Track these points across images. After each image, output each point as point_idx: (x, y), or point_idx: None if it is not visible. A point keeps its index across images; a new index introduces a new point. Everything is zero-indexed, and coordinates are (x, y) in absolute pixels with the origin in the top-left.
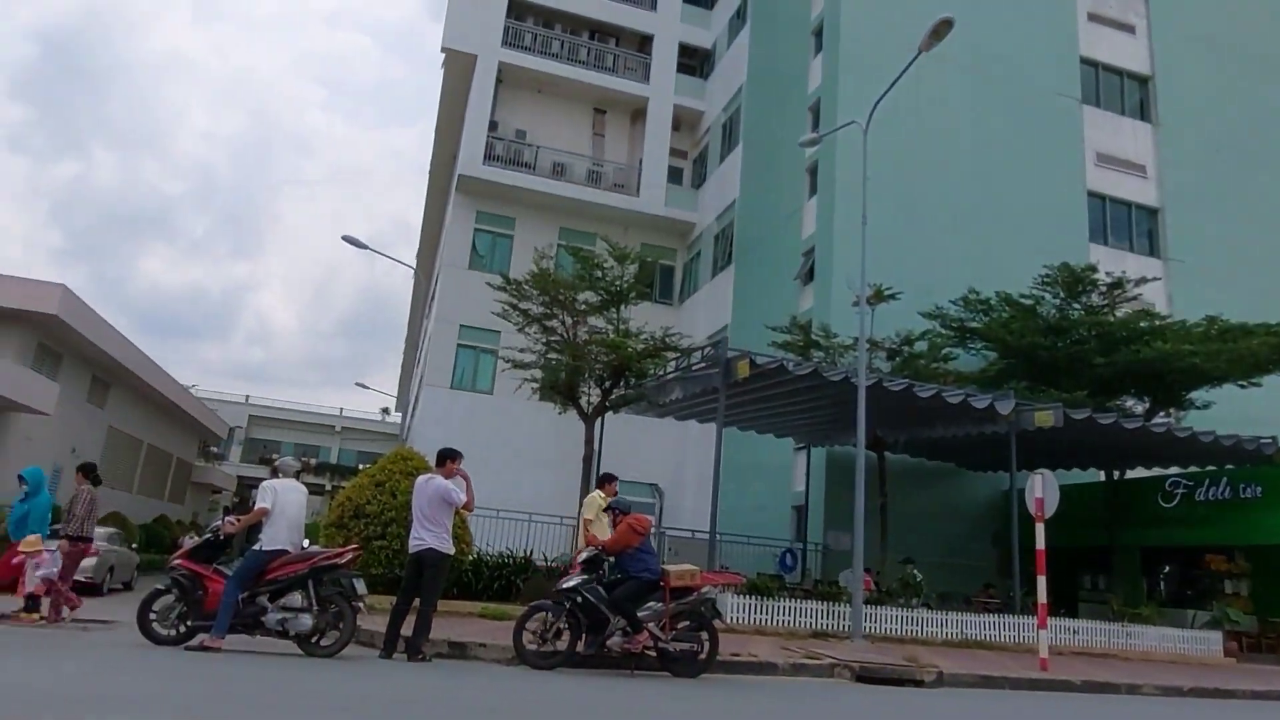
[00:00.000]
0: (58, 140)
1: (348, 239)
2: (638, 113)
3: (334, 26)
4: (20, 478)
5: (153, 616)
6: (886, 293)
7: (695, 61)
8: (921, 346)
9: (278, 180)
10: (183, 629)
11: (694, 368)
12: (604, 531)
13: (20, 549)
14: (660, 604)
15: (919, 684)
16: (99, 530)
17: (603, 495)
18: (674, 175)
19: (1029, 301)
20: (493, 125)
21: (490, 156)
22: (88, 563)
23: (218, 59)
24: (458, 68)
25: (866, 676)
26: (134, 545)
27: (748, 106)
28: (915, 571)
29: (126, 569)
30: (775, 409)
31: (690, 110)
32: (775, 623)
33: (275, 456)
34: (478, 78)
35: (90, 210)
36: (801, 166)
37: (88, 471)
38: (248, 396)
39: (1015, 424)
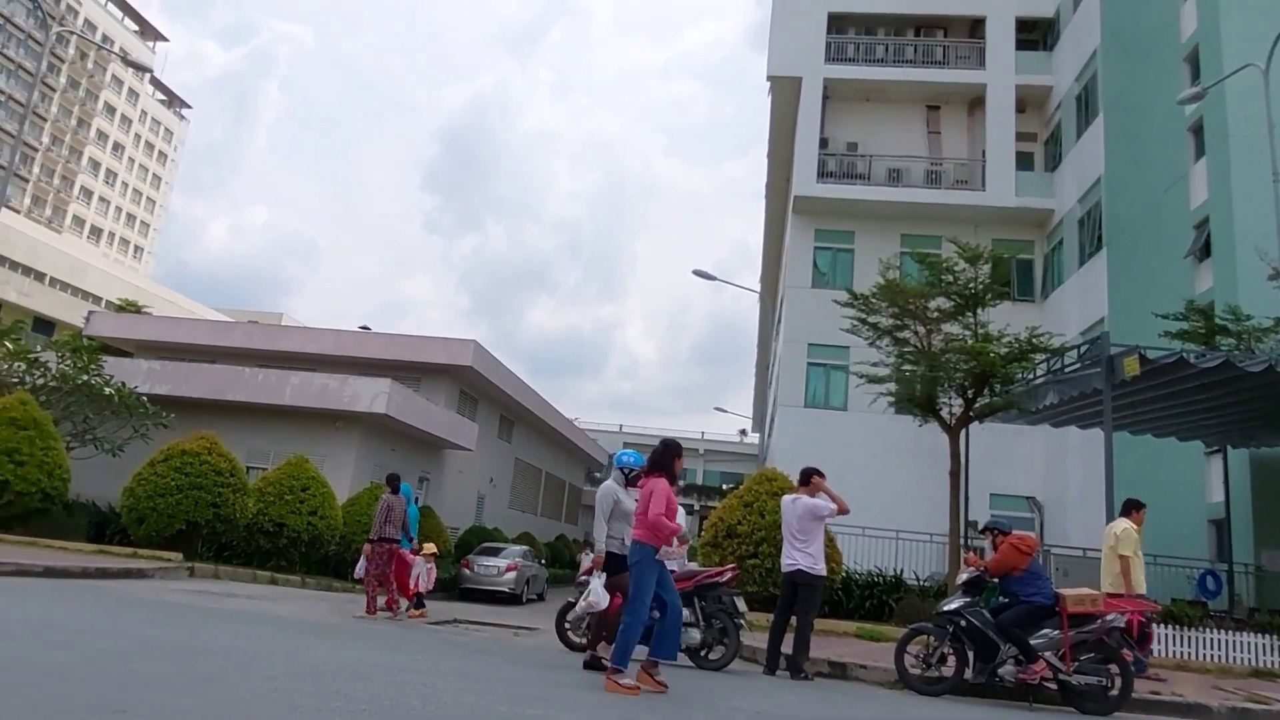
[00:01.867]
0: (461, 219)
1: (698, 272)
2: (975, 102)
3: (667, 78)
4: None
5: (567, 626)
6: None
7: (1035, 35)
8: None
9: (631, 225)
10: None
11: (1068, 368)
12: (1141, 567)
13: (415, 552)
14: (1057, 631)
15: None
16: (515, 548)
17: (1134, 524)
18: (1023, 161)
19: None
20: (823, 142)
21: (823, 174)
22: (508, 576)
23: (574, 126)
24: (784, 92)
25: None
26: (542, 561)
27: (1105, 71)
28: None
29: (539, 582)
30: (1176, 408)
31: (1035, 88)
32: (1200, 657)
33: None
34: (804, 98)
35: (488, 274)
36: (1181, 126)
37: (390, 481)
38: (621, 425)
39: None
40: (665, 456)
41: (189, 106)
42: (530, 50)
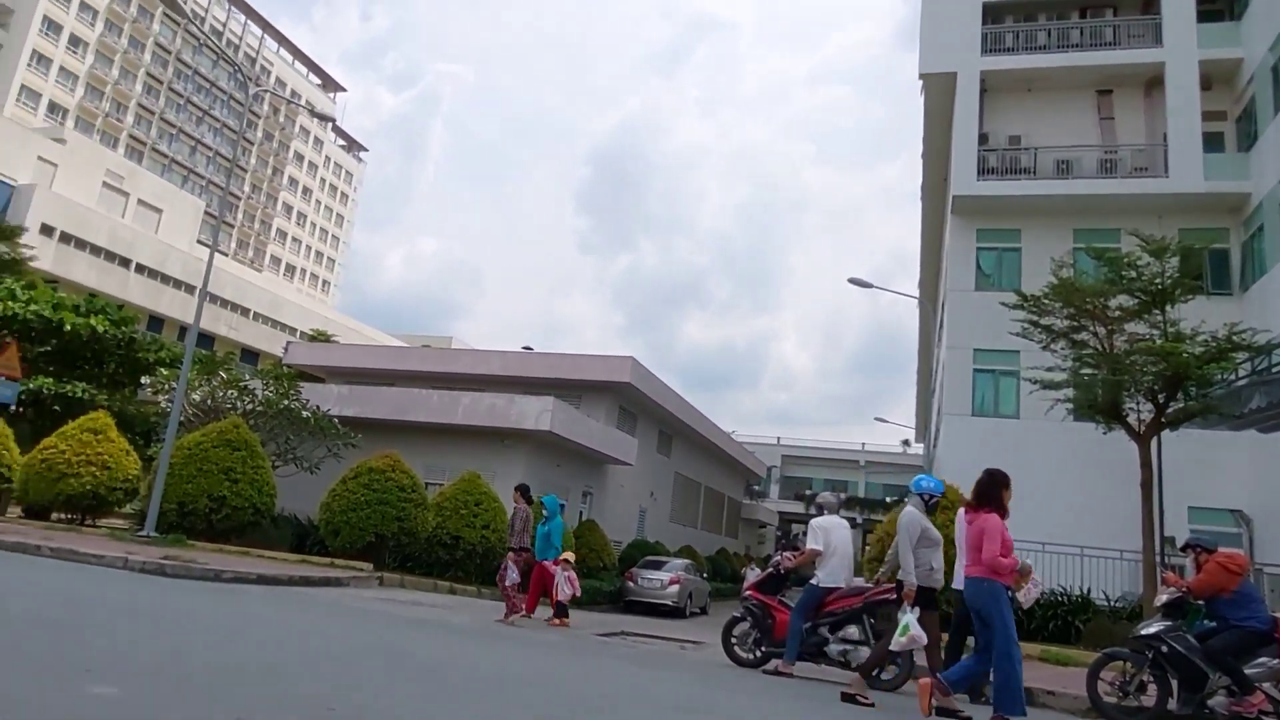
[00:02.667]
0: (614, 239)
1: (853, 280)
2: (1153, 82)
3: (813, 85)
4: (541, 504)
5: (734, 641)
6: None
7: (1219, 5)
8: None
9: (783, 235)
10: (758, 653)
11: (1276, 368)
12: None
13: (557, 562)
14: (1277, 660)
15: None
16: (677, 561)
17: None
18: (1211, 143)
19: None
20: (982, 138)
21: (984, 171)
22: (671, 590)
23: (722, 141)
24: (938, 89)
25: None
26: (704, 574)
27: None
28: None
29: (701, 596)
30: None
31: (1222, 62)
32: None
33: (809, 492)
34: (960, 94)
35: (641, 290)
36: None
37: (523, 492)
38: (779, 438)
39: None
40: (993, 488)
41: (366, 149)
42: (677, 69)
